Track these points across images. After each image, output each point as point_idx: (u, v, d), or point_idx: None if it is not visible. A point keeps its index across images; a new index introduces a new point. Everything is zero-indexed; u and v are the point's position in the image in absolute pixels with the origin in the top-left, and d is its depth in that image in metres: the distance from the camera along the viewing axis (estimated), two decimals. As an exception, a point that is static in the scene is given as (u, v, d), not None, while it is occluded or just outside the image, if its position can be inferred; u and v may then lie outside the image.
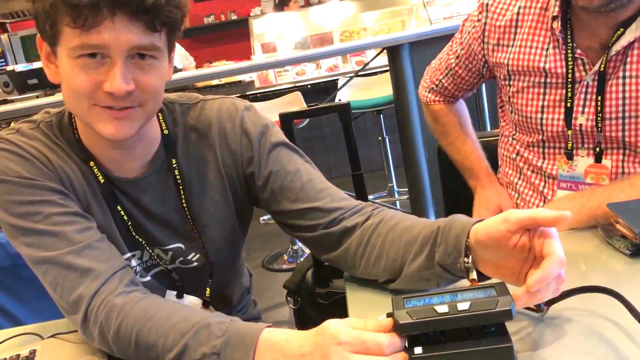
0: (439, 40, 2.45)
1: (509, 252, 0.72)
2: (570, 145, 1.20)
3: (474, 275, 0.76)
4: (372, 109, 3.43)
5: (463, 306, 0.65)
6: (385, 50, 2.71)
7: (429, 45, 2.48)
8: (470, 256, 0.76)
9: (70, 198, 0.93)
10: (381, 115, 3.55)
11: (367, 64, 3.31)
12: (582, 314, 0.74)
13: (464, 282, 0.79)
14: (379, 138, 3.67)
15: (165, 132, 1.01)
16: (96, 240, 0.90)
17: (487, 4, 1.31)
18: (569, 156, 1.21)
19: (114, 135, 0.89)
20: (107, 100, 0.86)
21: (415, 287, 0.84)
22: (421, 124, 2.66)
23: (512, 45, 1.25)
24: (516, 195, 1.35)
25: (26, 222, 0.89)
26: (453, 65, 1.42)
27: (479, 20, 1.31)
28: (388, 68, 2.76)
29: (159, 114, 1.00)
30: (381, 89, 3.38)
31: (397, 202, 3.67)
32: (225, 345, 0.73)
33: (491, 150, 1.47)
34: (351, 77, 3.39)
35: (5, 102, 2.89)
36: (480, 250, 0.75)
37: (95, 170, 0.96)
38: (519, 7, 1.24)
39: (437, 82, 1.49)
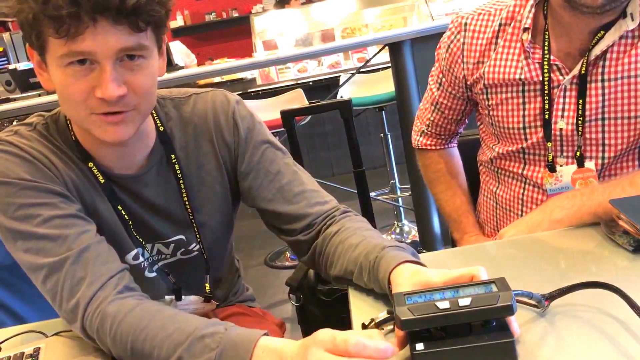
0: (440, 37, 2.44)
1: None
2: (550, 157, 1.19)
3: None
4: (374, 106, 3.42)
5: (464, 302, 0.65)
6: (387, 47, 2.70)
7: (430, 41, 2.46)
8: None
9: (71, 200, 0.93)
10: (383, 112, 3.54)
11: (368, 61, 3.30)
12: (583, 310, 0.75)
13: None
14: (381, 135, 3.65)
15: (161, 129, 1.01)
16: (94, 243, 0.90)
17: (465, 23, 1.27)
18: (551, 168, 1.20)
19: (113, 140, 0.89)
20: (101, 106, 0.86)
21: None
22: (423, 121, 2.65)
23: (489, 60, 1.23)
24: (494, 203, 1.34)
25: (25, 225, 0.88)
26: (437, 97, 1.38)
27: (457, 41, 1.28)
28: (390, 65, 2.76)
29: (152, 111, 1.01)
30: (383, 85, 3.37)
31: (400, 199, 3.66)
32: (219, 358, 0.73)
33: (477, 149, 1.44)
34: (353, 74, 3.38)
35: (7, 100, 2.89)
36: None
37: (95, 170, 0.96)
38: (500, 25, 1.22)
39: (427, 123, 1.43)
